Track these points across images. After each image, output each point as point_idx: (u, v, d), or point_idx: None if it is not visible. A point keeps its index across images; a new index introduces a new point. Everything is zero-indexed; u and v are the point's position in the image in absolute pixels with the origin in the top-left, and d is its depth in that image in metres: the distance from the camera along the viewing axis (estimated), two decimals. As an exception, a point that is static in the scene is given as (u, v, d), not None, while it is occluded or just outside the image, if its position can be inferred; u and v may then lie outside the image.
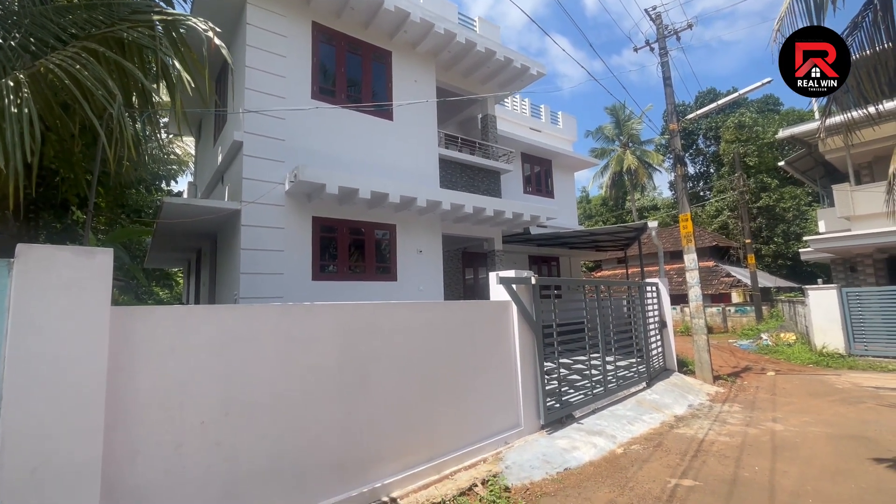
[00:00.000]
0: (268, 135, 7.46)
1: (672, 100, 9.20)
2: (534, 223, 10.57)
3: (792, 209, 29.63)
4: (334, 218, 8.06)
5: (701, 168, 42.76)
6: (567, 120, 17.86)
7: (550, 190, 16.25)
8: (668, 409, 6.62)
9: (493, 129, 11.63)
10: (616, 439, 5.29)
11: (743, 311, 21.08)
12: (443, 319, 4.51)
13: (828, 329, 11.14)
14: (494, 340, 5.01)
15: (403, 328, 4.08)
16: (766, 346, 13.65)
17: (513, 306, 5.23)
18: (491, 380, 4.85)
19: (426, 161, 9.50)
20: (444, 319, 4.52)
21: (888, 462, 4.44)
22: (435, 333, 4.37)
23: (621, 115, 37.86)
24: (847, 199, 13.72)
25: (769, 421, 6.07)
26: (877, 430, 5.50)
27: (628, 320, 7.75)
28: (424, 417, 4.08)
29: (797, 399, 7.28)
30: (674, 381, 8.14)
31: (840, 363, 10.25)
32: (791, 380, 8.88)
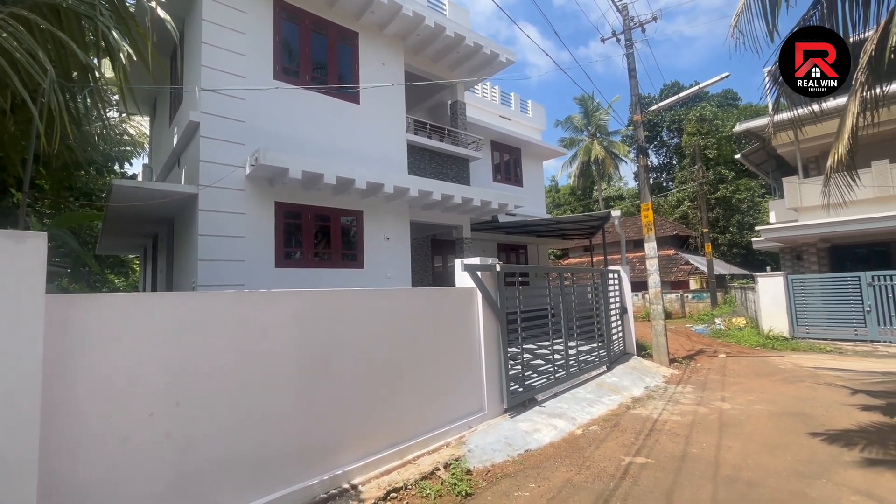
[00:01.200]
0: (227, 116, 7.15)
1: (636, 91, 9.40)
2: (502, 211, 10.65)
3: (746, 200, 31.14)
4: (299, 204, 7.85)
5: (665, 159, 44.21)
6: (536, 109, 17.98)
7: (519, 178, 16.40)
8: (627, 391, 6.90)
9: (462, 116, 11.58)
10: (576, 421, 5.48)
11: (700, 297, 22.12)
12: (407, 306, 4.50)
13: (774, 314, 11.85)
14: (459, 327, 5.05)
15: (366, 315, 4.04)
16: (720, 331, 14.40)
17: (477, 293, 5.27)
18: (455, 366, 4.90)
19: (394, 147, 9.37)
20: (408, 306, 4.51)
21: (821, 436, 4.79)
22: (399, 320, 4.35)
23: (590, 106, 38.45)
24: (795, 191, 14.51)
25: (718, 400, 6.43)
26: (813, 407, 5.92)
27: (591, 306, 7.98)
28: (388, 404, 4.08)
29: (744, 379, 7.73)
30: (633, 364, 8.47)
31: (784, 345, 10.95)
32: (740, 361, 9.42)
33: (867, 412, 5.59)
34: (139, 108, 11.66)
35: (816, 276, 11.74)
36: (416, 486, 3.64)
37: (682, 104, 39.28)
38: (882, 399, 6.13)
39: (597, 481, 3.84)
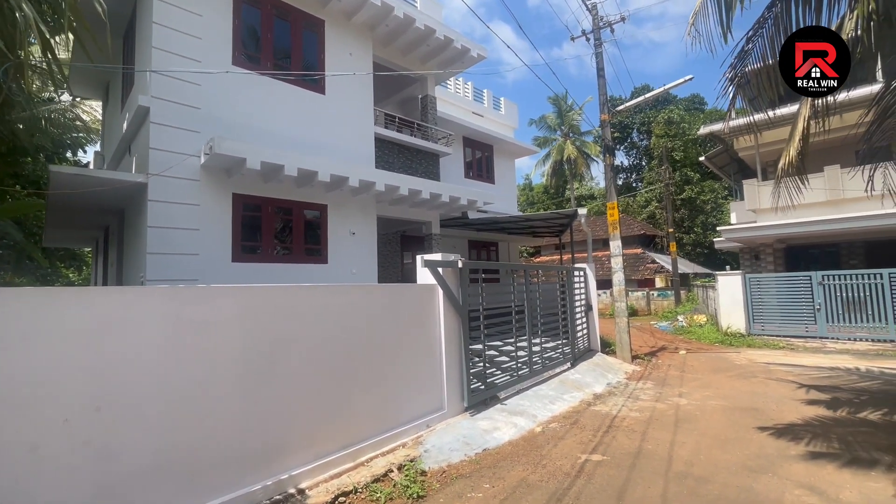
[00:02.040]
0: (180, 101, 6.77)
1: (604, 91, 9.49)
2: (471, 207, 10.58)
3: (710, 202, 32.25)
4: (258, 196, 7.54)
5: (634, 161, 45.26)
6: (509, 107, 18.01)
7: (491, 176, 16.38)
8: (589, 388, 6.96)
9: (432, 111, 11.43)
10: (536, 418, 5.46)
11: (664, 294, 22.76)
12: (364, 303, 4.35)
13: (732, 311, 12.27)
14: (419, 324, 4.94)
15: (320, 312, 3.88)
16: (682, 328, 14.83)
17: (439, 290, 5.17)
18: (414, 364, 4.79)
19: (361, 139, 9.14)
20: (365, 303, 4.36)
21: (769, 430, 4.93)
22: (354, 317, 4.20)
23: (563, 106, 38.93)
24: (754, 193, 15.05)
25: (676, 396, 6.56)
26: (764, 402, 6.11)
27: (557, 304, 8.01)
28: (341, 404, 3.93)
29: (702, 375, 7.94)
30: (596, 361, 8.57)
31: (741, 342, 11.35)
32: (699, 358, 9.69)
33: (813, 406, 5.80)
34: (88, 92, 10.99)
35: (772, 276, 12.21)
36: (366, 490, 3.52)
37: (651, 107, 40.31)
38: (827, 394, 6.39)
39: (551, 480, 3.81)
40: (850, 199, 12.73)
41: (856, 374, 7.56)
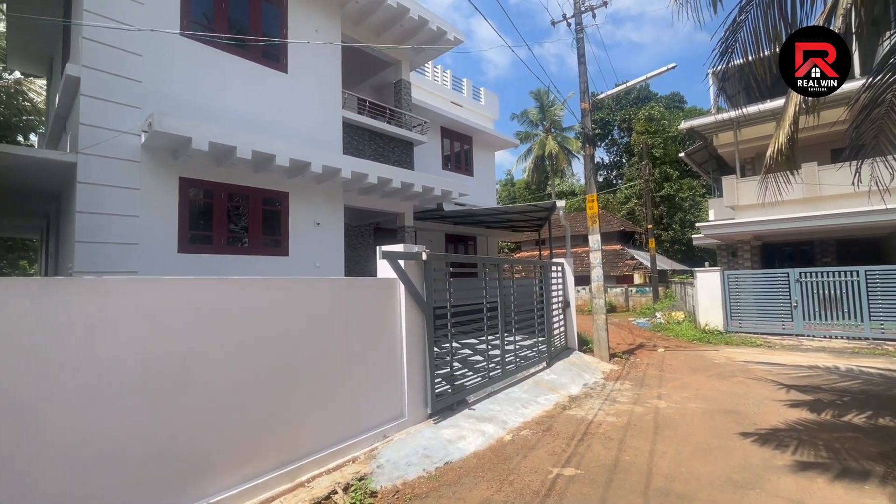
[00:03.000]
0: (118, 73, 6.06)
1: (585, 78, 9.09)
2: (446, 199, 10.09)
3: (689, 199, 32.52)
4: (210, 181, 6.89)
5: (615, 158, 45.43)
6: (489, 97, 17.54)
7: (470, 168, 15.92)
8: (564, 390, 6.57)
9: (406, 96, 10.86)
10: (507, 425, 5.03)
11: (643, 291, 22.75)
12: (307, 299, 3.82)
13: (710, 308, 12.12)
14: (375, 323, 4.43)
15: (250, 309, 3.33)
16: (660, 324, 14.68)
17: (399, 285, 4.67)
18: (370, 367, 4.29)
19: (327, 123, 8.53)
20: (308, 299, 3.83)
21: (753, 436, 4.60)
22: (296, 315, 3.67)
23: (545, 101, 38.68)
24: (733, 189, 14.98)
25: (654, 398, 6.22)
26: (745, 404, 5.82)
27: (532, 300, 7.60)
28: (277, 415, 3.41)
29: (680, 375, 7.66)
30: (573, 359, 8.22)
31: (719, 339, 11.19)
32: (677, 356, 9.45)
33: (796, 409, 5.53)
34: (30, 67, 10.05)
35: (750, 272, 12.10)
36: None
37: (632, 104, 40.43)
38: (809, 394, 6.15)
39: (518, 500, 3.36)
40: (827, 197, 12.72)
41: (835, 374, 7.38)
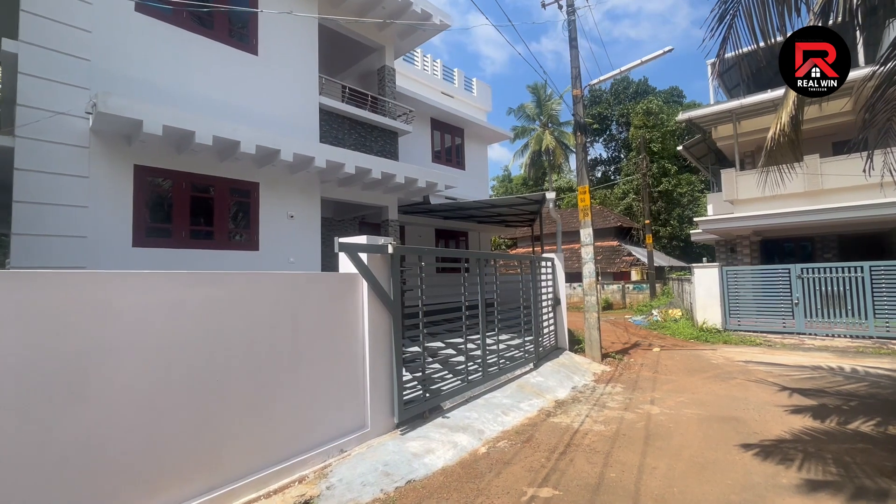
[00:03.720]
0: (63, 50, 5.56)
1: (577, 63, 8.59)
2: (431, 191, 9.60)
3: (687, 194, 32.05)
4: (170, 169, 6.39)
5: (613, 153, 44.91)
6: (482, 88, 17.01)
7: (462, 161, 15.42)
8: (551, 394, 6.12)
9: (391, 84, 10.35)
10: (483, 435, 4.57)
11: (640, 288, 22.31)
12: (250, 296, 3.34)
13: (708, 305, 11.67)
14: (332, 324, 3.96)
15: (168, 308, 2.86)
16: (656, 322, 14.24)
17: (361, 281, 4.20)
18: (324, 373, 3.82)
19: (303, 110, 8.03)
20: (251, 296, 3.35)
21: (754, 449, 4.15)
22: (231, 314, 3.19)
23: (542, 95, 38.15)
24: (732, 183, 14.51)
25: (647, 403, 5.77)
26: (744, 409, 5.37)
27: (519, 298, 7.13)
28: (205, 430, 2.94)
29: (676, 376, 7.21)
30: (563, 360, 7.76)
31: (717, 338, 10.74)
32: (673, 356, 9.00)
33: (800, 416, 5.08)
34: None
35: (749, 268, 11.65)
36: (222, 556, 2.55)
37: (630, 98, 39.89)
38: (813, 398, 5.70)
39: (484, 530, 2.91)
40: (830, 190, 12.27)
41: (840, 375, 6.93)
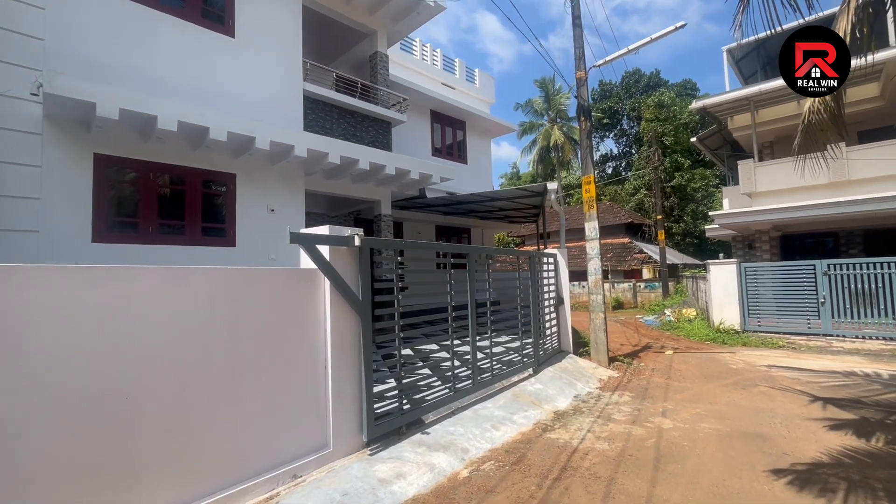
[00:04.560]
0: (10, 27, 5.10)
1: (581, 43, 7.94)
2: (425, 183, 9.03)
3: (701, 189, 30.98)
4: (135, 159, 5.92)
5: (624, 148, 43.85)
6: (484, 79, 16.37)
7: (464, 155, 14.82)
8: (550, 403, 5.50)
9: (383, 71, 9.79)
10: (467, 454, 3.98)
11: (652, 286, 21.48)
12: (171, 297, 2.80)
13: (725, 304, 10.92)
14: (285, 328, 3.41)
15: (57, 310, 2.33)
16: (669, 322, 13.49)
17: (322, 279, 3.64)
18: (275, 386, 3.26)
19: (285, 97, 7.51)
20: (173, 297, 2.81)
21: (787, 475, 3.50)
22: (141, 320, 2.66)
23: (550, 90, 37.31)
24: (750, 175, 13.68)
25: (658, 415, 5.12)
26: (770, 424, 4.70)
27: (517, 297, 6.51)
28: (105, 464, 2.40)
29: (691, 383, 6.53)
30: (566, 365, 7.13)
31: (735, 340, 10.00)
32: (688, 360, 8.30)
33: (837, 432, 4.40)
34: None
35: (770, 265, 10.85)
36: None
37: (643, 91, 38.83)
38: (850, 411, 5.00)
39: (449, 588, 2.32)
40: (857, 181, 11.42)
41: (877, 382, 6.19)
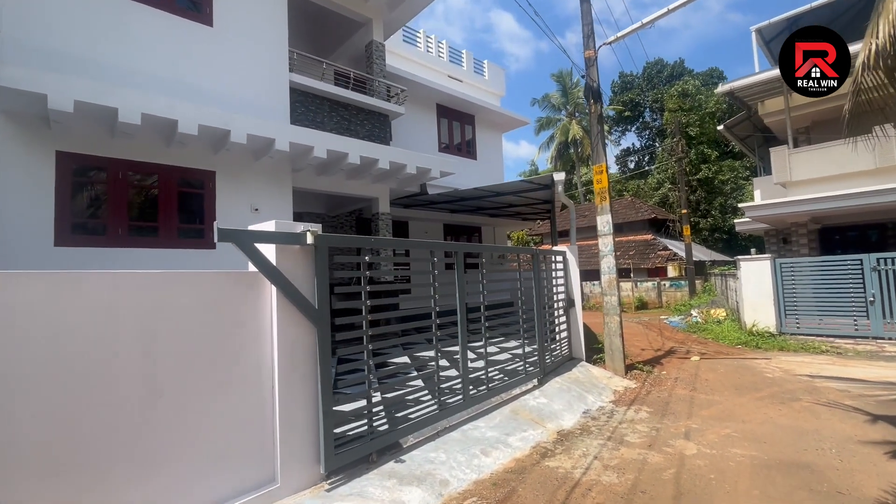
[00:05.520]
0: (-38, 18, 4.79)
1: (589, 19, 7.21)
2: (423, 178, 8.45)
3: (730, 182, 29.38)
4: (102, 156, 5.54)
5: (647, 142, 42.28)
6: (494, 71, 15.69)
7: (473, 150, 14.20)
8: (554, 421, 4.83)
9: (379, 61, 9.26)
10: (447, 487, 3.37)
11: (678, 285, 20.32)
12: (60, 308, 2.29)
13: (759, 304, 9.94)
14: (220, 344, 2.87)
15: None
16: (696, 324, 12.51)
17: (266, 284, 3.09)
18: (205, 413, 2.73)
19: (269, 89, 7.06)
20: (63, 307, 2.30)
21: (843, 527, 2.75)
22: (22, 337, 2.15)
23: (568, 83, 36.29)
24: (784, 163, 12.58)
25: (680, 437, 4.39)
26: (818, 451, 3.91)
27: (517, 299, 5.86)
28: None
29: (720, 396, 5.73)
30: (576, 374, 6.42)
31: (770, 343, 9.03)
32: (716, 367, 7.45)
33: (904, 463, 3.59)
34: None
35: (809, 260, 9.82)
36: None
37: (665, 82, 37.28)
38: (917, 434, 4.15)
39: None
40: (907, 165, 10.25)
41: (946, 397, 5.27)
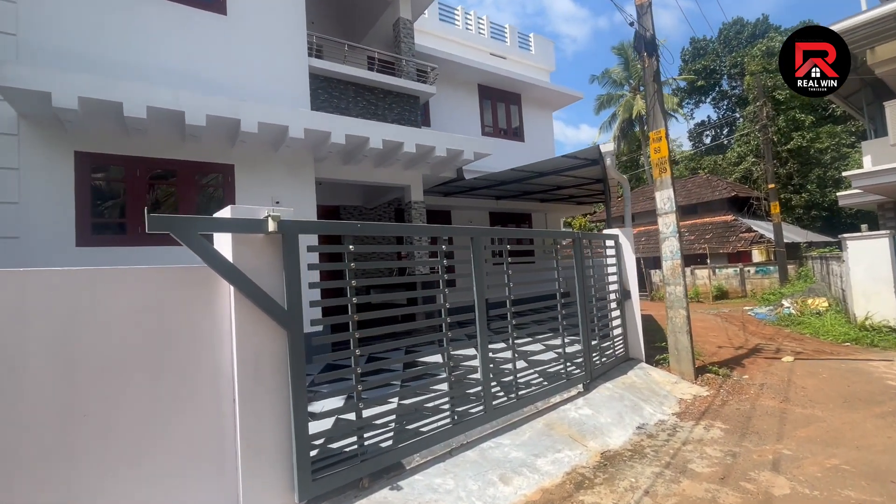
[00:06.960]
0: (-20, 25, 4.87)
1: (640, -42, 6.06)
2: (457, 161, 7.77)
3: (830, 150, 25.39)
4: (120, 155, 5.50)
5: (724, 112, 38.03)
6: (541, 44, 14.50)
7: (520, 132, 13.26)
8: (597, 439, 3.99)
9: (408, 40, 8.67)
10: (448, 527, 2.73)
11: (765, 271, 17.84)
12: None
13: (873, 292, 8.14)
14: (161, 353, 2.44)
15: None
16: (789, 316, 10.68)
17: (221, 283, 2.62)
18: (140, 437, 2.32)
19: (287, 76, 6.75)
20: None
21: None
22: None
23: (630, 55, 33.40)
24: (904, 118, 10.29)
25: (766, 467, 3.38)
26: (980, 500, 2.76)
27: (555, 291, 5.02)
28: None
29: (822, 410, 4.52)
30: (632, 378, 5.46)
31: (890, 341, 7.32)
32: (817, 370, 6.07)
33: None
34: None
35: (944, 236, 7.85)
36: None
37: (746, 43, 33.13)
38: None
39: None
40: None
41: None
